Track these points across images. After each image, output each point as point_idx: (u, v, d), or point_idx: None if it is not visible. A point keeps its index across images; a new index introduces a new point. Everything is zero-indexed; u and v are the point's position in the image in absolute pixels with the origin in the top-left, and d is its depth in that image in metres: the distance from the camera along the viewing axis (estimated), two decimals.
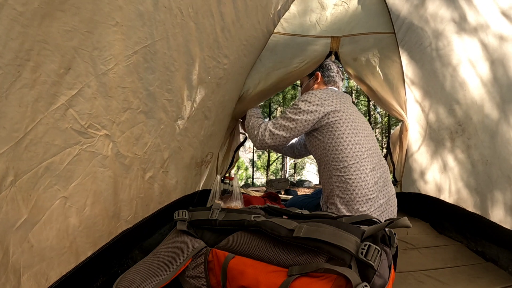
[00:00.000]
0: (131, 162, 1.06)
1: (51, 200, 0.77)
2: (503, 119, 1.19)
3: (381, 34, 1.92)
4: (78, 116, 0.81)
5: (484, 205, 1.33)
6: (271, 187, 5.93)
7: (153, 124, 1.12)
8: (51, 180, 0.76)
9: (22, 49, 0.61)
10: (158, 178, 1.26)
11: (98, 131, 0.89)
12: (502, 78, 1.19)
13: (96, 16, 0.76)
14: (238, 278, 0.84)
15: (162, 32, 1.00)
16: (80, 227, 0.88)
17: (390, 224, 0.79)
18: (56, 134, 0.75)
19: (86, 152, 0.86)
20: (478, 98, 1.33)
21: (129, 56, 0.91)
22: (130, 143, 1.03)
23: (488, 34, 1.21)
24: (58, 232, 0.80)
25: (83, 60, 0.77)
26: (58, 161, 0.77)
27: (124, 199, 1.06)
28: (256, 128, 1.60)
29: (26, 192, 0.70)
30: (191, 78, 1.24)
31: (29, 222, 0.71)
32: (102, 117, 0.89)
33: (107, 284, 0.97)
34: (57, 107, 0.73)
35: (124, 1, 0.83)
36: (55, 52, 0.69)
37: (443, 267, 1.19)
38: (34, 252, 0.73)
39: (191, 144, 1.46)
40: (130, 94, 0.97)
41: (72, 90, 0.77)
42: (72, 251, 0.86)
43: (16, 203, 0.68)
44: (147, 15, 0.92)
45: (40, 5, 0.62)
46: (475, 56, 1.31)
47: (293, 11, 1.89)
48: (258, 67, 1.94)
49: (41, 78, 0.67)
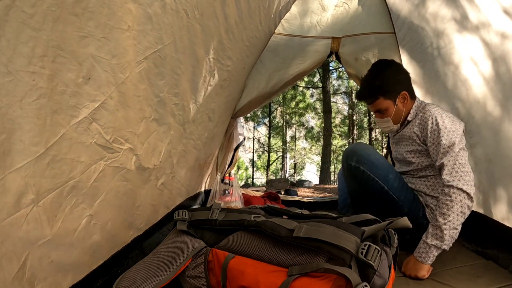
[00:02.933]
0: (150, 173, 1.04)
1: (78, 220, 0.74)
2: (506, 116, 1.19)
3: (381, 34, 1.92)
4: (103, 130, 0.76)
5: (487, 202, 1.32)
6: (271, 187, 5.93)
7: (164, 130, 1.10)
8: (78, 199, 0.73)
9: (35, 55, 0.58)
10: (168, 183, 1.25)
11: (122, 145, 0.85)
12: (504, 76, 1.18)
13: (110, 21, 0.72)
14: (238, 278, 0.84)
15: (170, 36, 0.97)
16: (101, 242, 0.86)
17: (390, 224, 0.79)
18: (81, 150, 0.71)
19: (110, 167, 0.82)
20: (481, 96, 1.33)
21: (140, 62, 0.87)
22: (149, 154, 1.01)
23: (490, 32, 1.21)
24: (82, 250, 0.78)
25: (103, 69, 0.73)
26: (85, 179, 0.73)
27: (139, 208, 1.05)
28: (451, 201, 1.11)
29: (51, 212, 0.66)
30: (196, 81, 1.23)
31: (53, 243, 0.68)
32: (124, 130, 0.85)
33: (107, 284, 0.97)
34: (79, 120, 0.69)
35: (134, 4, 0.79)
36: (72, 59, 0.65)
37: (443, 267, 1.19)
38: (53, 266, 0.71)
39: (195, 147, 1.45)
40: (144, 103, 0.93)
41: (95, 102, 0.72)
42: (89, 263, 0.85)
43: (40, 223, 0.64)
44: (156, 18, 0.88)
45: (49, 7, 0.58)
46: (477, 54, 1.31)
47: (294, 12, 1.90)
48: (260, 68, 1.94)
49: (58, 88, 0.63)
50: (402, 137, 1.42)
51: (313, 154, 13.73)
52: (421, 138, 1.31)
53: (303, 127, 13.43)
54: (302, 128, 13.54)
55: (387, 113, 1.37)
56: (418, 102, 1.39)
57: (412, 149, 1.36)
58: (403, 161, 1.43)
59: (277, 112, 12.64)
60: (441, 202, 1.12)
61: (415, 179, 1.39)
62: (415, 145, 1.34)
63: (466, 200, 1.10)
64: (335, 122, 12.76)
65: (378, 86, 1.34)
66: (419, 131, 1.32)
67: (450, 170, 1.13)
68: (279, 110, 12.54)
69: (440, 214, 1.10)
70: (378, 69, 1.40)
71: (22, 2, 0.54)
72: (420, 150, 1.34)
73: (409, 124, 1.38)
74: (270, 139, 12.70)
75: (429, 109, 1.30)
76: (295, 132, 14.00)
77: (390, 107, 1.36)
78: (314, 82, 10.94)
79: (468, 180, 1.11)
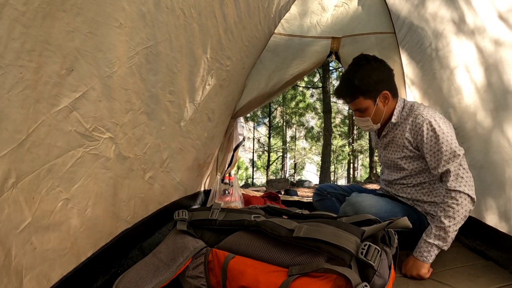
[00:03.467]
0: (131, 163, 1.05)
1: (54, 202, 0.77)
2: (497, 125, 1.19)
3: (381, 34, 1.92)
4: (83, 119, 0.80)
5: (478, 209, 1.32)
6: (271, 187, 5.93)
7: (155, 125, 1.12)
8: (54, 182, 0.76)
9: (24, 50, 0.61)
10: (159, 178, 1.26)
11: (103, 134, 0.88)
12: (495, 84, 1.18)
13: (99, 17, 0.75)
14: (238, 278, 0.84)
15: (164, 33, 0.99)
16: (82, 228, 0.87)
17: (390, 224, 0.79)
18: (59, 136, 0.74)
19: (89, 154, 0.85)
20: (472, 104, 1.33)
21: (132, 57, 0.90)
22: (131, 144, 1.03)
23: (485, 38, 1.20)
24: (60, 234, 0.80)
25: (86, 62, 0.76)
26: (60, 163, 0.76)
27: (124, 199, 1.06)
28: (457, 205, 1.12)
29: (28, 194, 0.69)
30: (194, 80, 1.24)
31: (33, 225, 0.71)
32: (106, 120, 0.88)
33: (107, 284, 0.97)
34: (59, 109, 0.72)
35: (127, 2, 0.81)
36: (57, 52, 0.68)
37: (443, 267, 1.19)
38: (37, 254, 0.73)
39: (194, 146, 1.45)
40: (133, 96, 0.96)
41: (76, 93, 0.76)
42: (73, 252, 0.86)
43: (19, 205, 0.67)
44: (149, 16, 0.91)
45: (40, 4, 0.61)
46: (470, 60, 1.30)
47: (293, 12, 1.90)
48: (260, 68, 1.94)
49: (42, 79, 0.67)
50: (392, 142, 1.36)
51: (313, 154, 13.74)
52: (414, 144, 1.26)
53: (303, 127, 13.43)
54: (302, 128, 13.55)
55: (367, 112, 1.31)
56: (401, 102, 1.33)
57: (403, 155, 1.31)
58: (394, 167, 1.39)
59: (277, 112, 12.65)
60: (446, 204, 1.12)
61: (409, 189, 1.35)
62: (407, 152, 1.29)
63: (469, 205, 1.12)
64: (335, 122, 12.77)
65: (357, 85, 1.27)
66: (411, 137, 1.26)
67: (456, 176, 1.13)
68: (279, 110, 12.54)
69: (445, 216, 1.11)
70: (359, 66, 1.31)
71: (15, 0, 0.56)
72: (412, 156, 1.29)
73: (398, 128, 1.32)
74: (270, 139, 12.70)
75: (420, 112, 1.23)
76: (295, 132, 14.01)
77: (370, 106, 1.29)
78: (314, 82, 10.95)
79: (471, 185, 1.13)
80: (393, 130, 1.35)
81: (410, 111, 1.29)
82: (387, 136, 1.38)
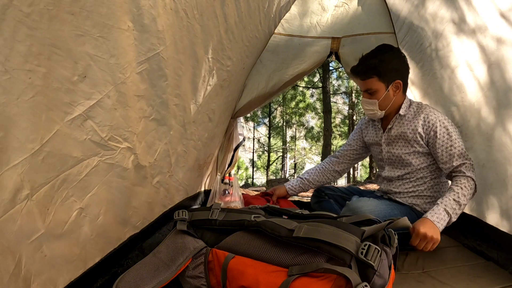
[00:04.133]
0: (146, 171, 1.04)
1: (68, 212, 0.75)
2: (499, 123, 1.20)
3: (381, 34, 1.92)
4: (98, 128, 0.77)
5: (480, 208, 1.33)
6: (271, 187, 5.93)
7: (164, 131, 1.10)
8: (68, 192, 0.74)
9: (31, 53, 0.58)
10: (164, 182, 1.25)
11: (120, 143, 0.86)
12: (498, 82, 1.18)
13: (109, 21, 0.72)
14: (238, 278, 0.84)
15: (171, 36, 0.97)
16: (92, 236, 0.86)
17: (390, 224, 0.79)
18: (74, 145, 0.72)
19: (105, 163, 0.83)
20: (475, 102, 1.33)
21: (142, 62, 0.87)
22: (145, 152, 1.01)
23: (486, 36, 1.20)
24: (70, 241, 0.79)
25: (99, 68, 0.73)
26: (75, 172, 0.74)
27: (135, 205, 1.05)
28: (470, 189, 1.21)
29: (43, 206, 0.67)
30: (196, 81, 1.23)
31: (45, 235, 0.69)
32: (123, 129, 0.85)
33: (107, 284, 0.97)
34: (73, 117, 0.70)
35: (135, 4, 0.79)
36: (67, 57, 0.66)
37: (443, 267, 1.19)
38: (46, 261, 0.71)
39: (195, 147, 1.45)
40: (144, 103, 0.94)
41: (91, 100, 0.73)
42: (81, 258, 0.84)
43: (33, 217, 0.65)
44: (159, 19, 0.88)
45: (46, 6, 0.59)
46: (472, 59, 1.30)
47: (293, 12, 1.89)
48: (260, 68, 1.94)
49: (53, 85, 0.64)
50: (400, 137, 1.37)
51: (313, 154, 13.74)
52: (425, 140, 1.31)
53: (303, 127, 13.43)
54: (302, 128, 13.55)
55: (376, 95, 1.33)
56: (408, 99, 1.39)
57: (413, 150, 1.34)
58: (398, 163, 1.39)
59: (277, 112, 12.65)
60: (463, 185, 1.20)
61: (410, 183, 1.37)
62: (417, 147, 1.33)
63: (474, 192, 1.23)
64: (335, 122, 12.76)
65: (375, 65, 1.30)
66: (423, 132, 1.30)
67: (469, 167, 1.24)
68: (279, 110, 12.54)
69: (462, 194, 1.18)
70: (381, 50, 1.36)
71: (20, 1, 0.55)
72: (420, 151, 1.33)
73: (409, 123, 1.34)
74: (270, 139, 12.70)
75: (431, 111, 1.31)
76: (295, 132, 14.01)
77: (381, 90, 1.32)
78: (314, 82, 10.94)
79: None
80: (400, 125, 1.37)
81: (419, 109, 1.34)
82: (393, 130, 1.39)
